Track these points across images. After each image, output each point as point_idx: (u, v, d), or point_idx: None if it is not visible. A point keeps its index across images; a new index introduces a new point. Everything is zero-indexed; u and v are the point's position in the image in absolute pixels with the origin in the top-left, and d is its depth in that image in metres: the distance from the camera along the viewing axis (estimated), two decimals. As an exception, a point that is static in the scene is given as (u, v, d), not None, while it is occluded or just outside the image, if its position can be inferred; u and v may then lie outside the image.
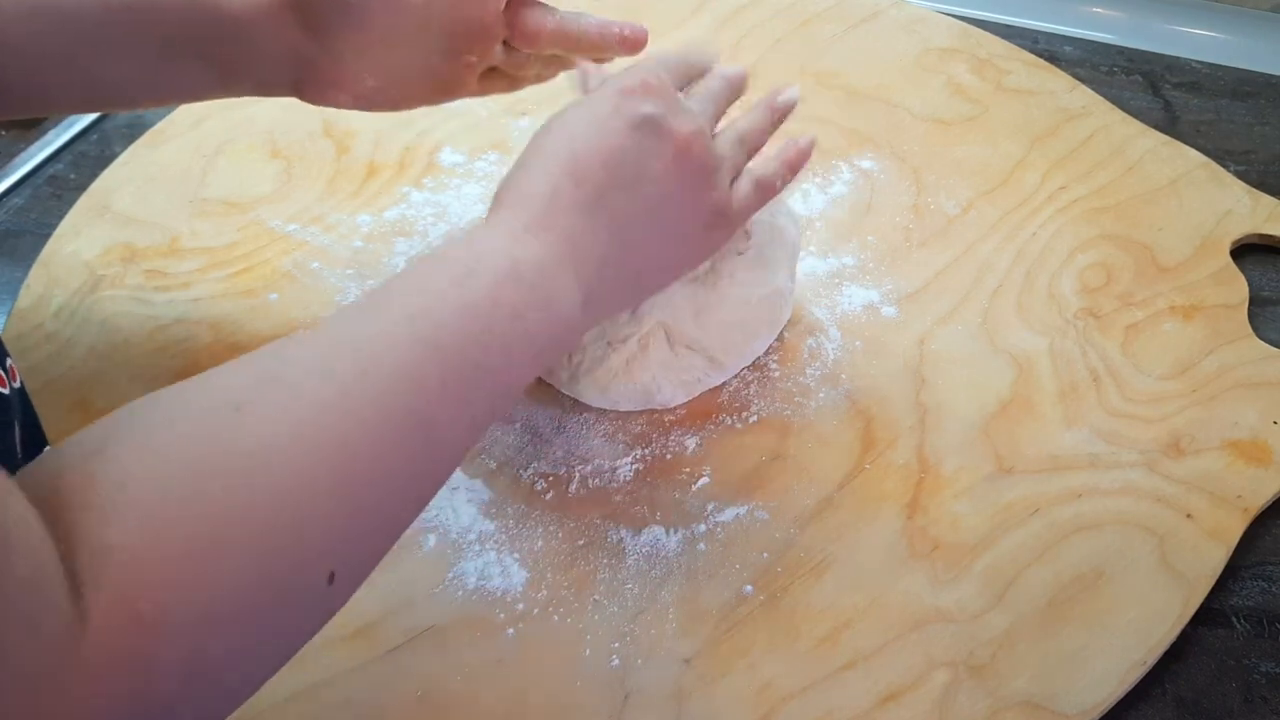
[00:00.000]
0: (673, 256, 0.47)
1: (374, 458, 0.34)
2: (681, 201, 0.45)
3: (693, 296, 0.53)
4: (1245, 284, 0.62)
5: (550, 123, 0.44)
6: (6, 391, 0.40)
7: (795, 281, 0.58)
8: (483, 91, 0.54)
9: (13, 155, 0.70)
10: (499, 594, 0.47)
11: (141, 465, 0.29)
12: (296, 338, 0.36)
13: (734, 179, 0.48)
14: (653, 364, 0.53)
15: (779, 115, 0.52)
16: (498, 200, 0.43)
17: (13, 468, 0.28)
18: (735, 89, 0.51)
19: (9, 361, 0.41)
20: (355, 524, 0.34)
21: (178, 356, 0.57)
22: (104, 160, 0.69)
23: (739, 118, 0.51)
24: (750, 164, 0.50)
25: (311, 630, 0.34)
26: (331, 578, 0.32)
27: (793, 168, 0.51)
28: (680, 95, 0.47)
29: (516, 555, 0.49)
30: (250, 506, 0.30)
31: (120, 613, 0.27)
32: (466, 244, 0.40)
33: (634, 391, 0.54)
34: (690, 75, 0.50)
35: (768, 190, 0.49)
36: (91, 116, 0.73)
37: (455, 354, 0.37)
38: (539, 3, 0.51)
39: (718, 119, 0.49)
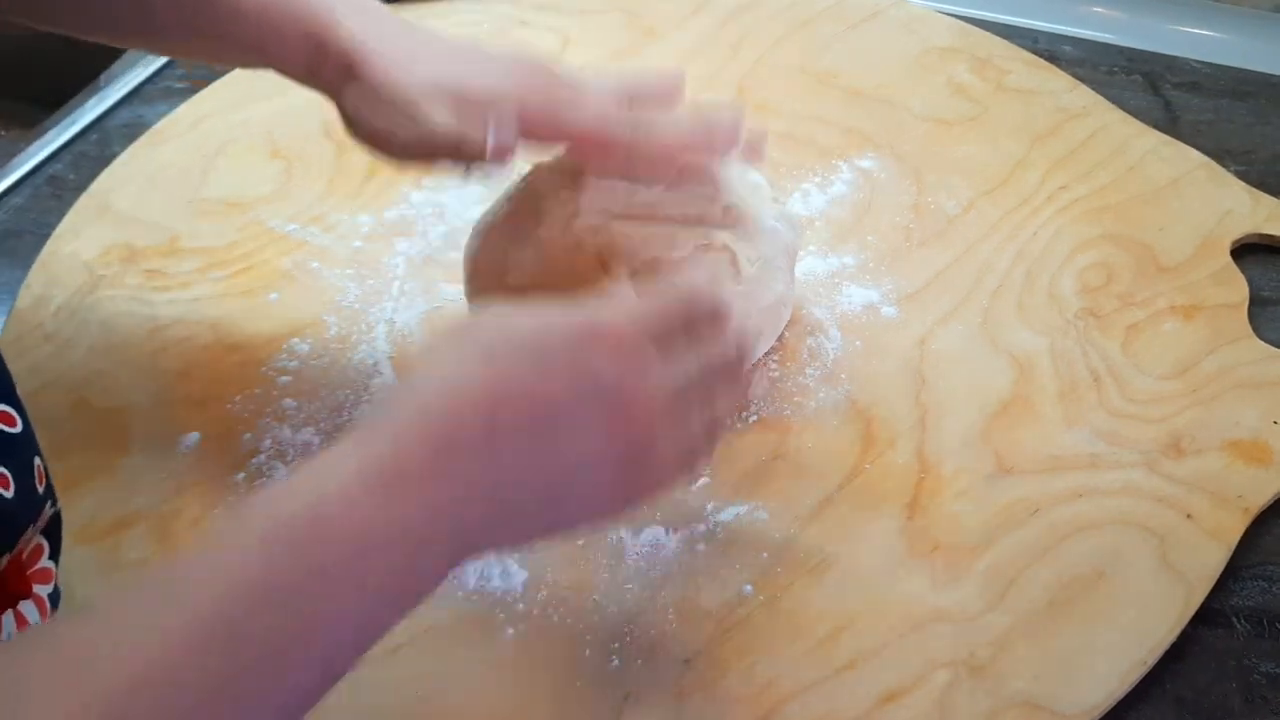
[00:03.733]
0: (576, 527, 0.40)
1: None
2: (606, 487, 0.37)
3: None
4: (1245, 284, 0.62)
5: (471, 326, 0.37)
6: (17, 430, 0.38)
7: (794, 282, 0.58)
8: None
9: (13, 155, 0.70)
10: (499, 594, 0.47)
11: None
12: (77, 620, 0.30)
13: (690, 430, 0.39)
14: None
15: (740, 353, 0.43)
16: (385, 403, 0.37)
17: (23, 512, 0.24)
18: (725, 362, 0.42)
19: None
20: None
21: (178, 356, 0.57)
22: (104, 160, 0.69)
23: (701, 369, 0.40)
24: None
25: None
26: None
27: (741, 387, 0.46)
28: (655, 351, 0.38)
29: (516, 555, 0.49)
30: None
31: None
32: (310, 484, 0.31)
33: None
34: (690, 325, 0.40)
35: (720, 427, 0.41)
36: (91, 116, 0.73)
37: (276, 650, 0.30)
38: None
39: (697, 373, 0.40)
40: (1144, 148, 0.71)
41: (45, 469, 0.40)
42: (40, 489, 0.39)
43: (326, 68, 0.48)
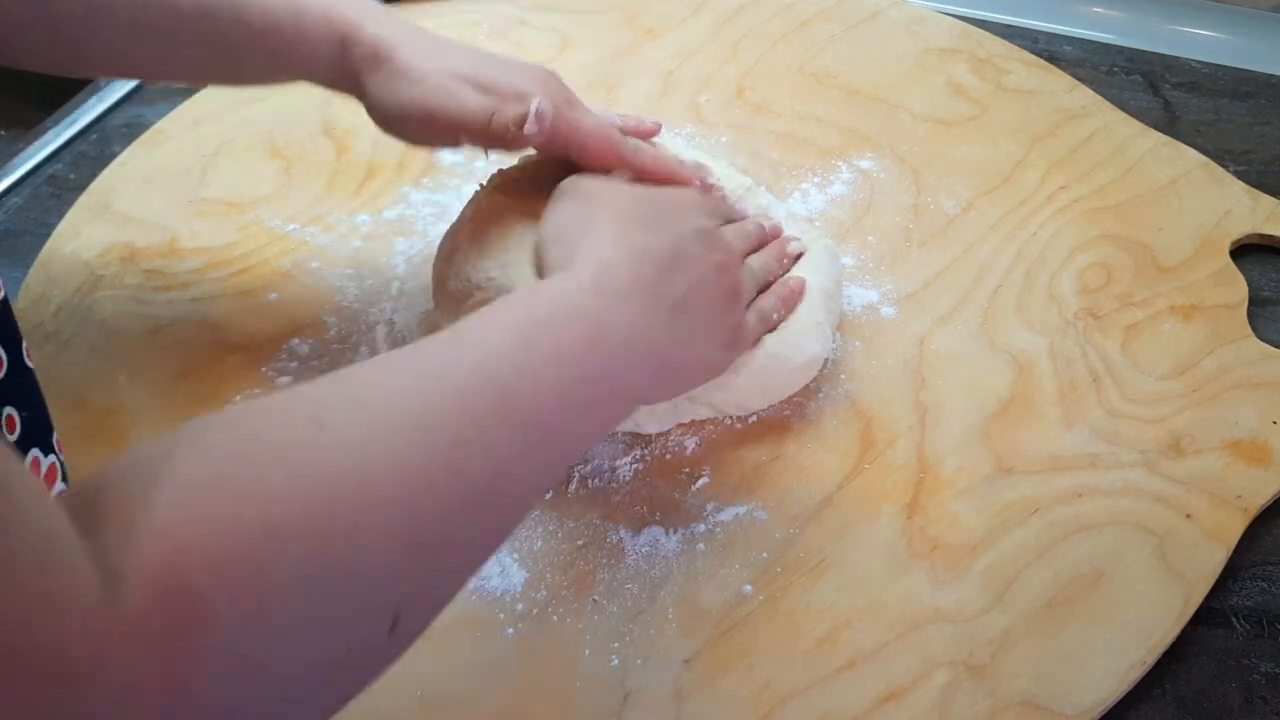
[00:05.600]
0: (703, 363, 0.48)
1: (448, 496, 0.33)
2: (715, 313, 0.47)
3: (709, 386, 0.52)
4: (1245, 284, 0.62)
5: (602, 192, 0.47)
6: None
7: (833, 342, 0.57)
8: None
9: (13, 155, 0.70)
10: (499, 594, 0.47)
11: (197, 455, 0.28)
12: (379, 363, 0.36)
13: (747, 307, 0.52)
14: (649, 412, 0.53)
15: (790, 260, 0.56)
16: (560, 255, 0.44)
17: None
18: (761, 238, 0.56)
19: (23, 345, 0.41)
20: (421, 564, 0.32)
21: (178, 356, 0.57)
22: (104, 160, 0.69)
23: (754, 256, 0.55)
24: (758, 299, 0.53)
25: (368, 674, 0.32)
26: (394, 625, 0.31)
27: (789, 305, 0.54)
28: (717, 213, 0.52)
29: (516, 555, 0.49)
30: (308, 517, 0.28)
31: (160, 588, 0.25)
32: (549, 292, 0.41)
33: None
34: (729, 215, 0.55)
35: (767, 323, 0.53)
36: (91, 116, 0.73)
37: (531, 409, 0.36)
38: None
39: (746, 255, 0.53)
40: (1143, 148, 0.71)
41: (21, 421, 0.41)
42: (14, 435, 0.40)
43: (354, 58, 0.50)
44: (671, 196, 0.50)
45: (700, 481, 0.52)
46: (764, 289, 0.54)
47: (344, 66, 0.51)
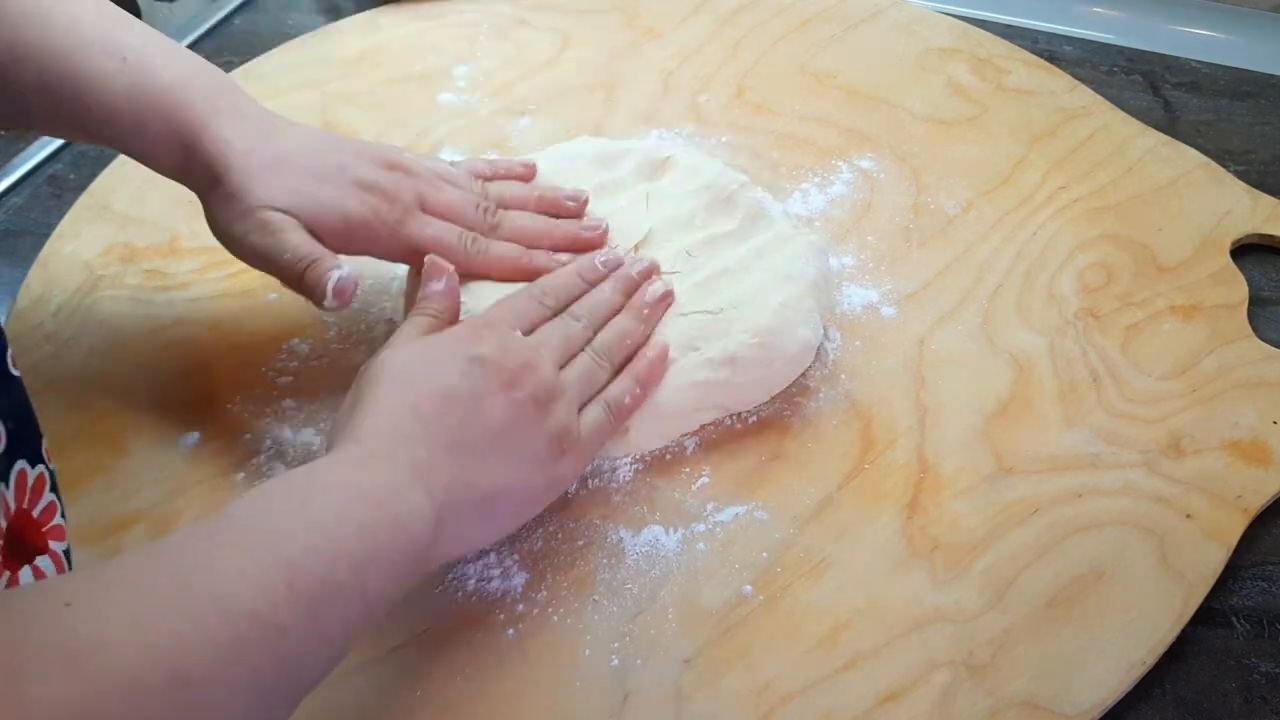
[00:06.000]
0: (525, 485, 0.45)
1: (215, 660, 0.32)
2: (519, 432, 0.45)
3: (708, 384, 0.53)
4: (1245, 284, 0.62)
5: (382, 366, 0.45)
6: None
7: (820, 326, 0.56)
8: None
9: (13, 155, 0.70)
10: (499, 594, 0.47)
11: None
12: (139, 549, 0.35)
13: (585, 404, 0.49)
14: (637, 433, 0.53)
15: (651, 313, 0.53)
16: (336, 438, 0.43)
17: None
18: (627, 292, 0.53)
19: (9, 354, 0.41)
20: None
21: (178, 356, 0.57)
22: (104, 160, 0.69)
23: (605, 329, 0.52)
24: (609, 387, 0.50)
25: None
26: None
27: (648, 383, 0.51)
28: (517, 333, 0.49)
29: (516, 555, 0.49)
30: (69, 699, 0.28)
31: None
32: (308, 472, 0.40)
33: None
34: (543, 312, 0.51)
35: (620, 412, 0.50)
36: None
37: (303, 568, 0.35)
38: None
39: (567, 352, 0.50)
40: (1144, 148, 0.71)
41: (6, 434, 0.41)
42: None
43: (194, 173, 0.50)
44: (449, 335, 0.47)
45: (700, 481, 0.52)
46: (623, 365, 0.51)
47: (187, 176, 0.50)
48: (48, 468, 0.43)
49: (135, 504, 0.51)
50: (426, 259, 0.51)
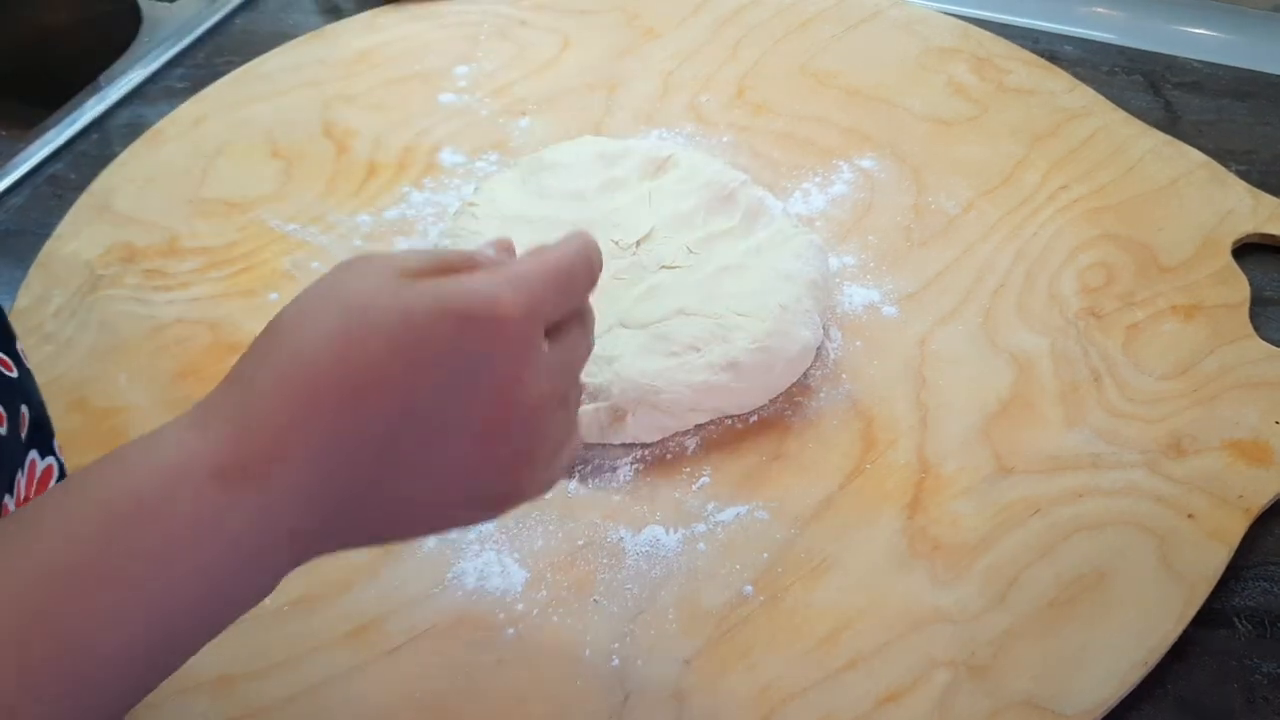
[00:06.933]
0: (442, 521, 0.36)
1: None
2: (487, 478, 0.33)
3: (709, 385, 0.53)
4: (1246, 283, 0.62)
5: (329, 290, 0.31)
6: (14, 375, 0.40)
7: (820, 327, 0.56)
8: None
9: (13, 155, 0.70)
10: (499, 594, 0.47)
11: None
12: None
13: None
14: (634, 425, 0.53)
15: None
16: (224, 390, 0.31)
17: (16, 453, 0.25)
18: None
19: (18, 345, 0.41)
20: None
21: (178, 356, 0.57)
22: (104, 160, 0.69)
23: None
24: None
25: None
26: None
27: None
28: (545, 342, 0.34)
29: (516, 555, 0.49)
30: None
31: None
32: (147, 466, 0.30)
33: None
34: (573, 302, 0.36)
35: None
36: (91, 116, 0.73)
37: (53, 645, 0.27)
38: None
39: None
40: (1144, 148, 0.71)
41: (33, 420, 0.41)
42: (23, 435, 0.40)
43: None
44: (454, 296, 0.31)
45: (700, 481, 0.52)
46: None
47: None
48: (58, 459, 0.43)
49: (135, 504, 0.50)
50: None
